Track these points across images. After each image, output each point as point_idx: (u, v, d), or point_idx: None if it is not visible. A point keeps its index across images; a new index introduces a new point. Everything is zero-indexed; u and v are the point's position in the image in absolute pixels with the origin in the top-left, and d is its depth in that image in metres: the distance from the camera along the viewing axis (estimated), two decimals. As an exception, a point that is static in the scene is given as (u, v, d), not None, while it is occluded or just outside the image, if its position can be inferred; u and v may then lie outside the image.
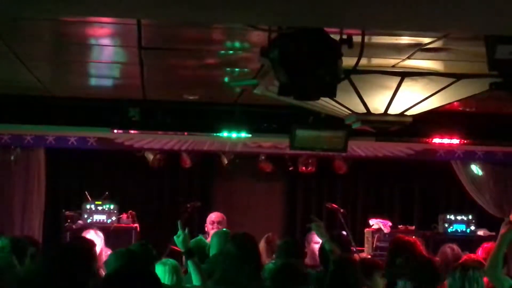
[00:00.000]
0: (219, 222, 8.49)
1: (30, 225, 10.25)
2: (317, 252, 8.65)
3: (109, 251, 7.62)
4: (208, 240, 8.18)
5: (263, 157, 11.01)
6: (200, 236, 8.29)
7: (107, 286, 3.14)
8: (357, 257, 8.76)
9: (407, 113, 6.33)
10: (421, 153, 10.51)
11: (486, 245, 7.43)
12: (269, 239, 7.99)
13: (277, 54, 4.22)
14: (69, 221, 9.89)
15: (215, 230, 8.33)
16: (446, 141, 9.94)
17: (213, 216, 8.70)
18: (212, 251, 6.81)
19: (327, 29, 4.35)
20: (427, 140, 9.99)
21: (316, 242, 8.99)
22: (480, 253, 7.19)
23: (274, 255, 7.33)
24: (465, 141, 10.01)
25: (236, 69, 6.96)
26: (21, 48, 6.33)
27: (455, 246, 7.72)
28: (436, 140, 9.93)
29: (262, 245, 7.69)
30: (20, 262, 5.61)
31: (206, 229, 8.66)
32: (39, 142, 9.98)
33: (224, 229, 7.86)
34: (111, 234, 9.66)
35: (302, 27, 4.24)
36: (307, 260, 7.75)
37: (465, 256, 6.86)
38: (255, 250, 5.34)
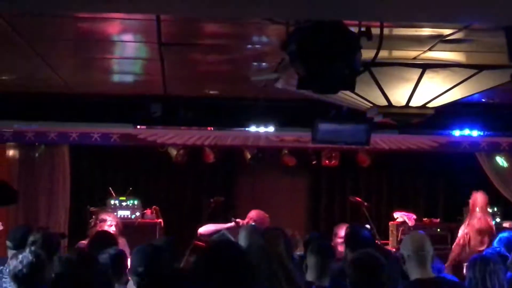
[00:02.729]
0: (254, 221, 8.45)
1: (55, 221, 10.33)
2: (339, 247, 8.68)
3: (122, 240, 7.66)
4: None
5: (286, 151, 11.00)
6: (223, 232, 8.27)
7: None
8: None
9: (429, 105, 6.29)
10: (445, 146, 10.44)
11: None
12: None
13: (295, 48, 4.20)
14: (93, 217, 9.94)
15: None
16: (470, 132, 9.86)
17: (253, 214, 8.61)
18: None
19: (346, 22, 4.33)
20: (451, 132, 9.93)
21: (341, 237, 8.98)
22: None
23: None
24: (490, 133, 9.93)
25: (257, 63, 6.95)
26: (43, 46, 6.37)
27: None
28: (460, 132, 9.86)
29: None
30: (50, 257, 5.61)
31: None
32: (63, 139, 10.04)
33: (253, 223, 7.85)
34: (135, 230, 9.72)
35: (319, 19, 4.22)
36: None
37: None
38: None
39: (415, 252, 4.64)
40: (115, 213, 9.91)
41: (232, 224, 8.42)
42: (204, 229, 8.55)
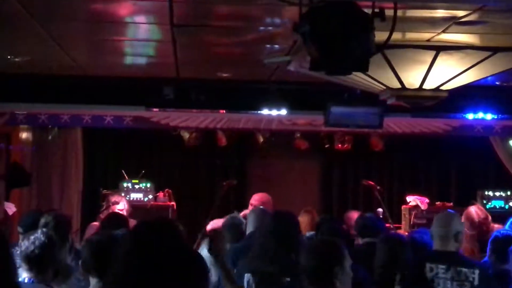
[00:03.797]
0: (257, 204, 8.43)
1: (69, 204, 10.38)
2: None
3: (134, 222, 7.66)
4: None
5: (298, 135, 10.98)
6: (235, 213, 8.26)
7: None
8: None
9: (443, 88, 6.25)
10: (459, 129, 10.39)
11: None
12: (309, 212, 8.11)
13: (307, 29, 4.17)
14: (106, 199, 9.96)
15: None
16: (483, 116, 9.78)
17: (255, 197, 8.60)
18: (249, 229, 6.80)
19: (359, 2, 4.30)
20: (464, 115, 9.86)
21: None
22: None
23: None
24: (504, 116, 9.85)
25: (270, 46, 6.92)
26: (56, 28, 6.37)
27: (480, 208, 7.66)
28: (474, 115, 9.78)
29: (304, 218, 7.79)
30: (62, 239, 5.62)
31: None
32: (76, 122, 10.04)
33: (261, 206, 7.83)
34: (147, 213, 9.74)
35: (333, 0, 4.19)
36: None
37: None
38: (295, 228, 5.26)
39: (437, 228, 5.10)
40: (127, 196, 9.95)
41: None
42: (211, 225, 8.50)
